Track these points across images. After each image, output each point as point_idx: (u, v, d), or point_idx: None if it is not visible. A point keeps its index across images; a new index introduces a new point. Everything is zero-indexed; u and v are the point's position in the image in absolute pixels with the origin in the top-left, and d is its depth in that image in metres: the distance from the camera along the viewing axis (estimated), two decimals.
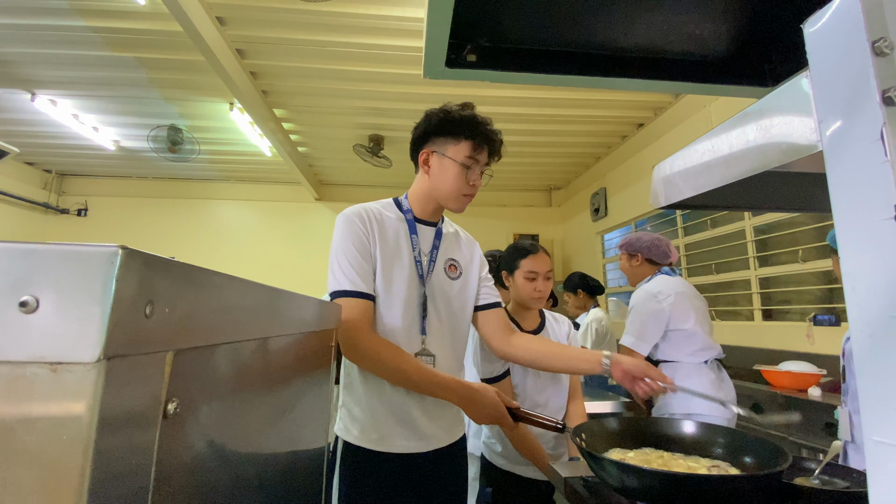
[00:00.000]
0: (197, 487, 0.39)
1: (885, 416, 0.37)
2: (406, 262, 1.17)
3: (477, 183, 1.19)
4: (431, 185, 1.21)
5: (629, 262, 2.22)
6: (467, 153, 1.16)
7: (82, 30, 3.00)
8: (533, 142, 4.81)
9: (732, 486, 0.79)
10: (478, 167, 1.19)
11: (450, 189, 1.18)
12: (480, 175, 1.20)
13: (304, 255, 5.76)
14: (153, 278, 0.30)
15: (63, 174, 5.94)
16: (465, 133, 1.16)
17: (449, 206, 1.23)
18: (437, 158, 1.19)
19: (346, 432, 1.15)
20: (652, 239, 2.17)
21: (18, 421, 0.26)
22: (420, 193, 1.24)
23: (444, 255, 1.25)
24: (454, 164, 1.16)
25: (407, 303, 1.15)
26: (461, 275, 1.28)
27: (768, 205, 0.88)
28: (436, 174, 1.19)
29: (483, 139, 1.17)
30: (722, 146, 0.59)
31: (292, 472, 0.68)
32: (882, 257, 0.37)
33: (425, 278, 1.19)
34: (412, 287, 1.17)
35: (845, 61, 0.41)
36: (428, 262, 1.21)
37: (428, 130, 1.20)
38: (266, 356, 0.54)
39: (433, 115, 1.20)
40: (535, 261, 1.57)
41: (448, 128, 1.18)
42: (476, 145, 1.17)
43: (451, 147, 1.17)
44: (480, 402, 1.13)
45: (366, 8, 2.81)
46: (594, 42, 0.86)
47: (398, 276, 1.15)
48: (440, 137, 1.19)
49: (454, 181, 1.17)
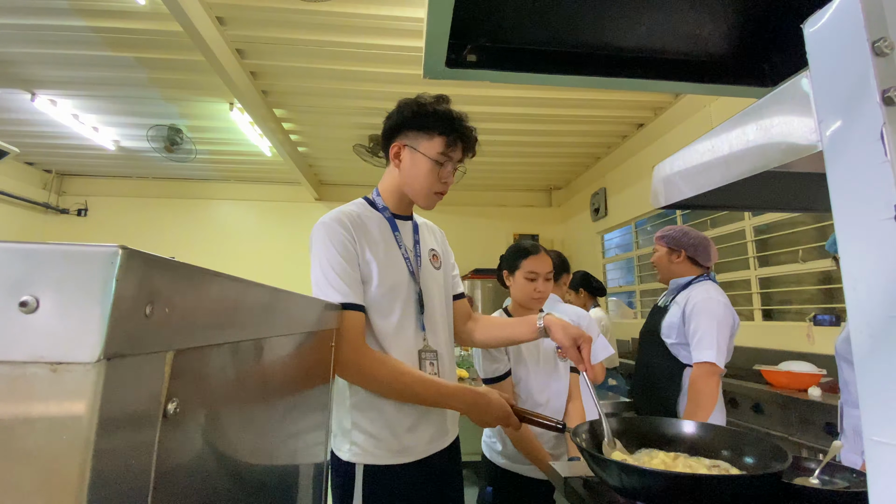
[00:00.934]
0: (197, 487, 0.39)
1: (885, 416, 0.37)
2: (397, 261, 1.14)
3: (449, 180, 1.15)
4: (402, 181, 1.16)
5: (669, 257, 2.00)
6: (440, 149, 1.11)
7: (82, 30, 3.00)
8: (533, 142, 4.81)
9: (732, 486, 0.79)
10: (451, 164, 1.14)
11: (420, 186, 1.13)
12: (453, 172, 1.16)
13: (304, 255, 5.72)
14: (153, 278, 0.30)
15: (63, 174, 5.94)
16: (439, 128, 1.11)
17: (418, 203, 1.18)
18: (408, 153, 1.13)
19: (366, 455, 1.07)
20: (700, 238, 1.98)
21: (18, 421, 0.26)
22: (392, 189, 1.19)
23: (425, 247, 1.23)
24: (426, 160, 1.11)
25: (405, 301, 1.13)
26: (441, 264, 1.27)
27: (768, 205, 0.88)
28: (406, 169, 1.14)
29: (458, 136, 1.12)
30: (722, 146, 0.59)
31: (292, 472, 0.68)
32: (882, 257, 0.37)
33: (416, 273, 1.17)
34: (407, 284, 1.14)
35: (845, 61, 0.41)
36: (415, 256, 1.19)
37: (400, 122, 1.14)
38: (266, 356, 0.54)
39: (406, 106, 1.14)
40: (536, 261, 1.57)
41: (421, 121, 1.12)
42: (450, 142, 1.11)
43: (423, 142, 1.12)
44: (488, 406, 1.10)
45: (366, 8, 2.81)
46: (594, 42, 0.86)
47: (394, 277, 1.12)
48: (413, 131, 1.13)
49: (425, 178, 1.12)
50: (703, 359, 1.72)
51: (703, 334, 1.76)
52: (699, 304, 1.83)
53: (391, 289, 1.11)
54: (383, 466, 1.06)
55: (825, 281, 2.82)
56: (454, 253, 1.39)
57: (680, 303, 1.90)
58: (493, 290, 5.23)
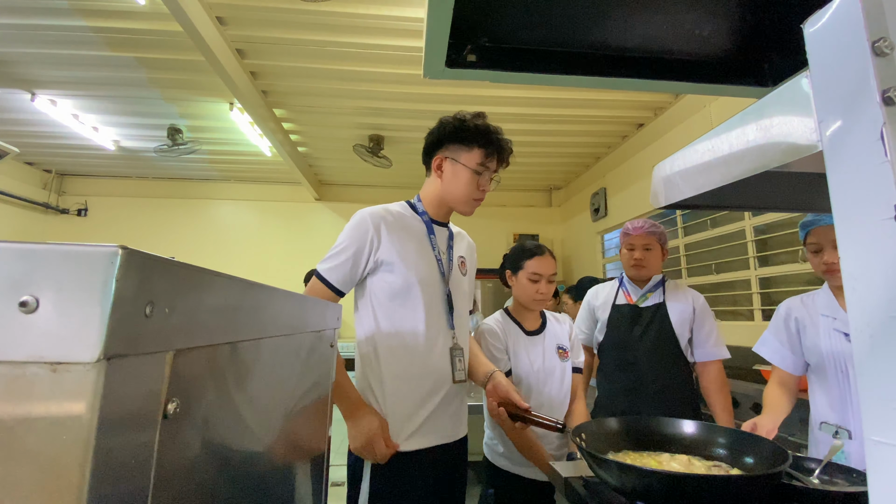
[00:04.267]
0: (197, 487, 0.39)
1: (885, 416, 0.37)
2: (431, 262, 1.25)
3: (486, 188, 1.28)
4: (444, 189, 1.28)
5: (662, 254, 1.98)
6: (479, 160, 1.23)
7: (82, 30, 3.00)
8: (533, 142, 4.80)
9: (732, 486, 0.79)
10: (488, 173, 1.26)
11: (461, 193, 1.25)
12: (490, 181, 1.28)
13: (305, 255, 5.75)
14: (153, 278, 0.30)
15: (63, 174, 5.94)
16: (478, 141, 1.23)
17: (459, 210, 1.30)
18: (450, 164, 1.26)
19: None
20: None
21: (18, 421, 0.26)
22: (433, 197, 1.31)
23: (456, 253, 1.34)
24: (466, 170, 1.24)
25: (435, 300, 1.23)
26: (467, 272, 1.38)
27: (768, 205, 0.88)
28: (448, 179, 1.27)
29: (494, 148, 1.24)
30: (722, 146, 0.59)
31: (292, 472, 0.68)
32: (882, 257, 0.37)
33: (447, 275, 1.27)
34: (439, 285, 1.25)
35: (845, 61, 0.41)
36: (447, 260, 1.30)
37: (442, 137, 1.27)
38: (266, 356, 0.54)
39: (447, 122, 1.27)
40: (540, 263, 1.56)
41: (461, 135, 1.24)
42: (488, 153, 1.24)
43: (463, 154, 1.24)
44: (357, 421, 1.13)
45: (366, 8, 2.81)
46: (594, 42, 0.86)
47: (428, 276, 1.22)
48: (454, 144, 1.26)
49: (466, 186, 1.24)
50: (725, 355, 1.82)
51: (717, 330, 1.84)
52: (703, 301, 1.88)
53: (426, 287, 1.21)
54: (400, 453, 1.14)
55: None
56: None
57: (679, 300, 1.86)
58: (494, 290, 5.23)
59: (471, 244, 1.47)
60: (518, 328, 1.63)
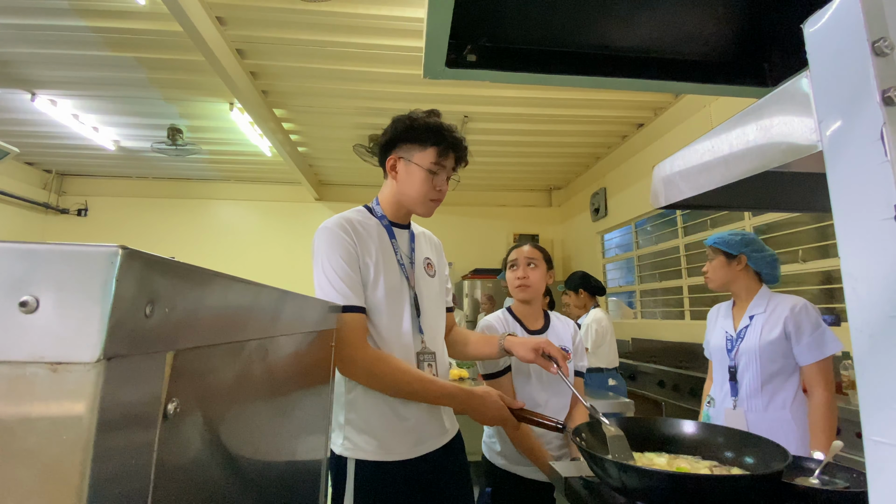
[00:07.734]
0: (197, 487, 0.39)
1: (885, 416, 0.37)
2: (394, 266, 1.20)
3: (443, 188, 1.22)
4: (399, 191, 1.23)
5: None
6: (433, 159, 1.18)
7: (82, 30, 3.00)
8: (533, 142, 4.81)
9: (733, 486, 0.79)
10: (444, 173, 1.21)
11: (417, 194, 1.20)
12: (447, 181, 1.23)
13: (305, 255, 5.72)
14: (153, 278, 0.30)
15: (63, 174, 5.94)
16: (431, 140, 1.18)
17: (416, 211, 1.25)
18: (403, 164, 1.21)
19: (357, 450, 1.11)
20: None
21: (18, 421, 0.26)
22: (390, 199, 1.26)
23: (420, 256, 1.30)
24: (420, 170, 1.19)
25: (402, 305, 1.19)
26: (436, 272, 1.34)
27: (768, 205, 0.88)
28: (403, 180, 1.22)
29: (448, 146, 1.19)
30: (722, 146, 0.59)
31: (292, 472, 0.68)
32: (882, 257, 0.37)
33: (411, 279, 1.23)
34: (404, 289, 1.21)
35: (845, 61, 0.41)
36: (410, 263, 1.25)
37: (394, 137, 1.22)
38: (266, 356, 0.54)
39: (399, 121, 1.22)
40: (515, 251, 1.65)
41: (414, 134, 1.20)
42: (441, 151, 1.19)
43: (417, 153, 1.19)
44: (482, 406, 1.15)
45: (366, 8, 2.81)
46: (594, 42, 0.86)
47: (392, 281, 1.18)
48: (406, 144, 1.21)
49: (421, 186, 1.19)
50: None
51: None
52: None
53: (388, 292, 1.17)
54: (374, 462, 1.10)
55: (825, 281, 2.82)
56: (454, 252, 1.43)
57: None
58: (494, 290, 5.23)
59: (437, 243, 1.42)
60: (520, 326, 1.63)
